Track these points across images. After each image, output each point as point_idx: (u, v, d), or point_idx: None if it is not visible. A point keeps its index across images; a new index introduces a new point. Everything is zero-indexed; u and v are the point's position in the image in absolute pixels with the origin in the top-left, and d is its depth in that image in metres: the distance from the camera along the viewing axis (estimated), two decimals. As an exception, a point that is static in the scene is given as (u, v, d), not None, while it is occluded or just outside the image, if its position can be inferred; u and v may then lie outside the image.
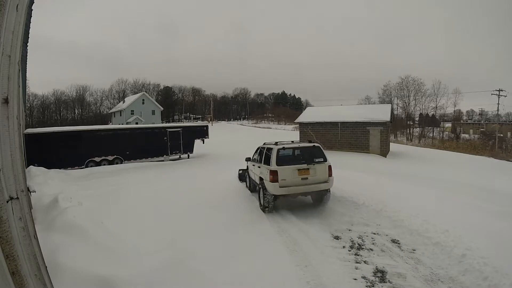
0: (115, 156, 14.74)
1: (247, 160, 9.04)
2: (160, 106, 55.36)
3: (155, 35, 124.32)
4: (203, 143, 19.21)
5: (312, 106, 41.97)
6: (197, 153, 18.75)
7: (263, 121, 72.04)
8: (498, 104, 36.91)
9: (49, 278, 1.85)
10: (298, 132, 24.71)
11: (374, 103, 49.37)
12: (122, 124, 44.54)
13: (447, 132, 48.69)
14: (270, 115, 79.28)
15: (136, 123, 44.61)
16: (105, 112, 66.59)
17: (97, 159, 14.16)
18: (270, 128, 54.21)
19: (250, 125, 62.25)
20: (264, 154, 7.25)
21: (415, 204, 6.11)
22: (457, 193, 8.11)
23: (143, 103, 52.07)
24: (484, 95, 73.53)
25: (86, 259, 3.78)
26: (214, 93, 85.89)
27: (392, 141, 28.90)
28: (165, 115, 67.46)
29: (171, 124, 23.29)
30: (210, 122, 57.81)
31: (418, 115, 53.13)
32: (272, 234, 5.47)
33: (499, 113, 39.46)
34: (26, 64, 7.05)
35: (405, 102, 51.62)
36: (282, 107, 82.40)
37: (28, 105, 55.43)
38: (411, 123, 51.10)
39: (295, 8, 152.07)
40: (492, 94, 36.96)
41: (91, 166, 13.78)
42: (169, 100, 75.42)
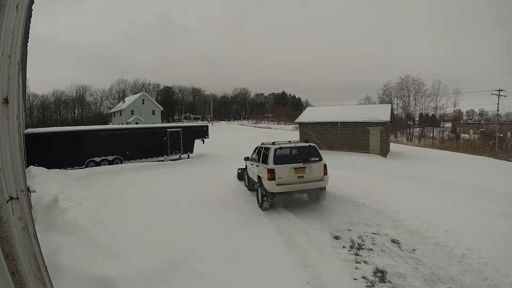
0: (115, 156, 14.73)
1: (246, 160, 9.19)
2: (160, 106, 55.33)
3: (155, 35, 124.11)
4: (203, 143, 19.20)
5: (312, 106, 42.01)
6: (197, 153, 18.75)
7: (263, 121, 71.98)
8: (498, 104, 36.95)
9: (49, 278, 1.85)
10: (298, 132, 24.71)
11: (374, 103, 49.36)
12: (122, 124, 44.52)
13: (447, 132, 48.68)
14: (270, 115, 79.21)
15: (136, 123, 44.60)
16: (105, 112, 66.57)
17: (97, 159, 14.16)
18: (270, 128, 54.16)
19: (250, 125, 62.18)
20: (262, 153, 7.42)
21: (415, 204, 6.12)
22: (457, 193, 8.11)
23: (143, 103, 52.05)
24: (484, 95, 73.69)
25: (86, 259, 3.78)
26: (214, 93, 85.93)
27: (392, 141, 28.89)
28: (165, 115, 67.42)
29: (171, 124, 23.27)
30: (210, 122, 57.77)
31: (418, 115, 53.15)
32: (272, 234, 5.47)
33: (499, 113, 39.53)
34: (26, 64, 7.04)
35: (405, 102, 51.64)
36: (282, 107, 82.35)
37: (28, 105, 55.43)
38: (411, 123, 51.07)
39: (295, 8, 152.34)
40: (492, 94, 37.00)
41: (91, 166, 13.77)
42: (169, 100, 75.39)
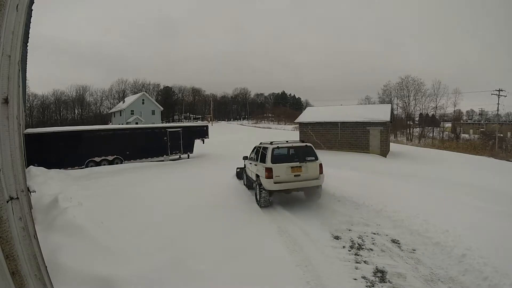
0: (115, 156, 14.73)
1: (245, 159, 9.42)
2: (160, 106, 55.33)
3: (155, 35, 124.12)
4: (203, 143, 19.21)
5: (312, 106, 41.97)
6: (197, 153, 18.75)
7: (263, 121, 72.02)
8: (498, 104, 36.96)
9: (49, 278, 1.85)
10: (298, 132, 24.70)
11: (374, 103, 49.40)
12: (122, 124, 44.52)
13: (447, 132, 48.72)
14: (270, 115, 79.27)
15: (136, 123, 44.60)
16: (105, 112, 66.57)
17: (97, 159, 14.16)
18: (270, 128, 54.20)
19: (250, 125, 62.22)
20: (260, 153, 7.63)
21: (415, 204, 6.12)
22: (457, 193, 8.12)
23: (143, 103, 52.06)
24: (484, 95, 73.63)
25: (86, 259, 3.78)
26: (214, 93, 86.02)
27: (392, 141, 28.90)
28: (165, 115, 67.43)
29: (171, 124, 23.27)
30: (210, 122, 57.80)
31: (418, 115, 53.23)
32: (272, 234, 5.47)
33: (499, 113, 39.54)
34: (26, 64, 7.05)
35: (405, 102, 51.70)
36: (282, 107, 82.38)
37: (28, 105, 55.45)
38: (411, 123, 51.12)
39: (294, 8, 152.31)
40: (492, 94, 37.02)
41: (91, 166, 13.77)
42: (169, 100, 75.40)
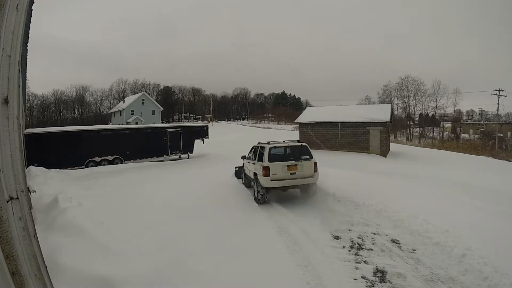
0: (115, 156, 14.72)
1: (243, 158, 9.71)
2: (160, 106, 55.32)
3: (155, 35, 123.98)
4: (203, 143, 19.19)
5: (312, 106, 41.98)
6: (197, 153, 18.75)
7: (263, 121, 72.03)
8: (498, 104, 36.95)
9: (49, 278, 1.85)
10: (298, 132, 24.70)
11: (374, 103, 49.40)
12: (122, 124, 44.51)
13: (447, 132, 48.70)
14: (270, 115, 79.26)
15: (136, 123, 44.59)
16: (105, 112, 66.56)
17: (97, 159, 14.14)
18: (270, 128, 54.21)
19: (250, 125, 62.24)
20: (258, 152, 7.93)
21: (415, 204, 6.12)
22: (457, 193, 8.12)
23: (143, 103, 52.05)
24: (484, 95, 73.51)
25: (86, 259, 3.78)
26: (214, 93, 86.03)
27: (392, 141, 28.90)
28: (165, 115, 67.41)
29: (171, 124, 23.25)
30: (210, 122, 57.81)
31: (418, 115, 53.22)
32: (272, 234, 5.48)
33: (499, 113, 39.53)
34: (26, 64, 7.05)
35: (405, 102, 51.69)
36: (282, 107, 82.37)
37: (28, 105, 55.43)
38: (411, 123, 51.11)
39: (295, 8, 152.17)
40: (492, 94, 37.01)
41: (91, 166, 13.76)
42: (169, 100, 75.39)
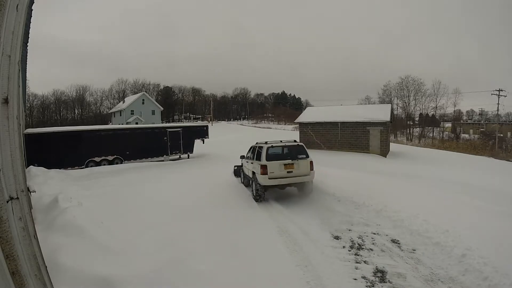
0: (115, 156, 14.71)
1: (242, 158, 9.94)
2: (160, 106, 55.33)
3: (155, 35, 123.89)
4: (203, 143, 19.19)
5: (312, 106, 42.00)
6: (197, 153, 18.74)
7: (263, 121, 72.03)
8: (498, 104, 36.97)
9: (49, 278, 1.85)
10: (298, 132, 24.69)
11: (374, 103, 49.42)
12: (122, 124, 44.51)
13: (447, 132, 48.71)
14: (270, 115, 79.27)
15: (136, 123, 44.58)
16: (105, 112, 66.55)
17: (97, 159, 14.14)
18: (270, 128, 54.22)
19: (250, 125, 62.25)
20: (256, 151, 8.17)
21: (415, 204, 6.12)
22: (457, 193, 8.12)
23: (143, 103, 52.05)
24: (484, 95, 73.35)
25: (86, 259, 3.78)
26: (214, 93, 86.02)
27: (392, 141, 28.89)
28: (165, 115, 67.40)
29: (171, 124, 23.25)
30: (210, 122, 57.80)
31: (418, 115, 53.24)
32: (272, 234, 5.48)
33: (499, 113, 39.54)
34: (26, 64, 7.04)
35: (405, 102, 51.72)
36: (282, 107, 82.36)
37: (28, 105, 55.41)
38: (411, 123, 51.13)
39: (295, 8, 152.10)
40: (492, 94, 37.03)
41: (91, 166, 13.75)
42: (169, 100, 75.38)
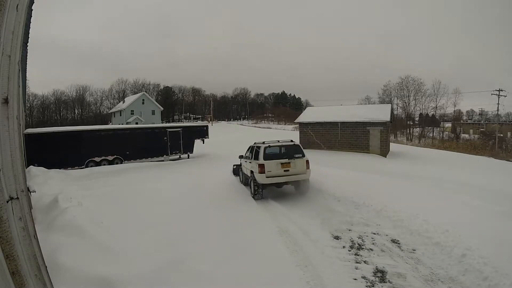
0: (115, 156, 14.72)
1: (240, 158, 10.16)
2: (160, 106, 55.31)
3: (155, 35, 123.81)
4: (203, 143, 19.20)
5: (312, 106, 41.99)
6: (197, 153, 18.75)
7: (263, 121, 72.03)
8: (498, 104, 36.96)
9: (49, 278, 1.85)
10: (298, 132, 24.69)
11: (374, 103, 49.39)
12: (122, 124, 44.51)
13: (447, 132, 48.70)
14: (270, 115, 79.26)
15: (136, 123, 44.58)
16: (105, 112, 66.54)
17: (97, 159, 14.15)
18: (270, 128, 54.20)
19: (250, 125, 62.24)
20: (254, 151, 8.39)
21: (415, 204, 6.12)
22: (457, 193, 8.12)
23: (143, 103, 52.04)
24: (484, 95, 73.57)
25: (86, 259, 3.79)
26: (214, 93, 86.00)
27: (392, 141, 28.89)
28: (165, 115, 67.39)
29: (171, 124, 23.25)
30: (210, 122, 57.80)
31: (418, 115, 53.23)
32: (272, 234, 5.47)
33: (499, 113, 39.53)
34: (26, 64, 7.04)
35: (405, 102, 51.72)
36: (282, 107, 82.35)
37: (28, 105, 55.40)
38: (411, 123, 51.12)
39: (295, 8, 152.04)
40: (492, 94, 37.02)
41: (91, 166, 13.76)
42: (169, 100, 75.37)
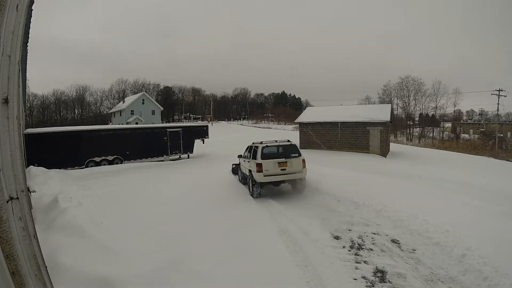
0: (115, 156, 14.73)
1: (239, 157, 10.39)
2: (160, 106, 55.30)
3: (155, 35, 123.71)
4: (203, 143, 19.20)
5: (312, 106, 41.99)
6: (197, 153, 18.74)
7: (263, 121, 72.02)
8: (498, 104, 36.94)
9: (49, 278, 1.85)
10: (298, 132, 24.69)
11: (374, 103, 49.37)
12: (122, 124, 44.51)
13: (447, 132, 48.69)
14: (270, 115, 79.26)
15: (136, 123, 44.57)
16: (105, 112, 66.52)
17: (97, 159, 14.15)
18: (270, 128, 54.19)
19: (250, 125, 62.23)
20: (252, 151, 8.63)
21: (415, 204, 6.12)
22: (457, 193, 8.12)
23: (143, 103, 52.03)
24: (484, 95, 73.46)
25: (86, 259, 3.79)
26: (214, 93, 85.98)
27: (392, 141, 28.88)
28: (165, 115, 67.37)
29: (171, 124, 23.26)
30: (210, 122, 57.80)
31: (418, 115, 53.21)
32: (272, 234, 5.47)
33: (499, 113, 39.52)
34: (26, 64, 7.05)
35: (405, 102, 51.70)
36: (282, 107, 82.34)
37: (28, 105, 55.38)
38: (411, 123, 51.11)
39: (295, 8, 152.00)
40: (492, 94, 37.00)
41: (91, 166, 13.76)
42: (169, 100, 75.35)
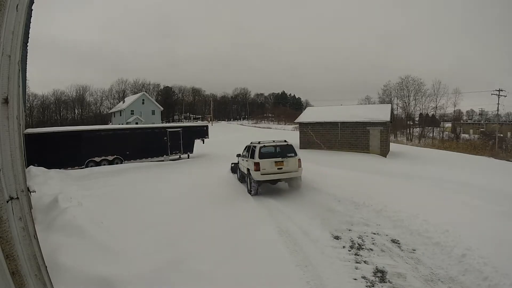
0: (115, 156, 14.73)
1: (238, 156, 10.77)
2: (160, 106, 55.31)
3: (155, 35, 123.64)
4: (203, 143, 19.20)
5: (312, 106, 42.00)
6: (197, 153, 18.74)
7: (263, 121, 72.02)
8: (498, 104, 36.97)
9: (49, 278, 1.85)
10: (298, 132, 24.69)
11: (374, 103, 49.38)
12: (122, 124, 44.51)
13: (447, 132, 48.69)
14: (270, 115, 79.26)
15: (136, 123, 44.57)
16: (105, 112, 66.52)
17: (97, 159, 14.15)
18: (270, 128, 54.19)
19: (250, 125, 62.24)
20: (250, 150, 8.91)
21: (415, 204, 6.12)
22: (457, 193, 8.12)
23: (143, 103, 52.05)
24: (484, 95, 73.42)
25: (86, 259, 3.79)
26: (214, 93, 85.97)
27: (392, 141, 28.88)
28: (165, 115, 67.37)
29: (171, 124, 23.26)
30: (210, 122, 57.80)
31: (418, 115, 53.23)
32: (272, 234, 5.47)
33: (499, 113, 39.54)
34: (26, 64, 7.05)
35: (405, 102, 51.72)
36: (282, 107, 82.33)
37: (28, 105, 55.38)
38: (411, 123, 51.12)
39: (295, 8, 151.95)
40: (492, 94, 37.03)
41: (91, 166, 13.76)
42: (169, 100, 75.36)
